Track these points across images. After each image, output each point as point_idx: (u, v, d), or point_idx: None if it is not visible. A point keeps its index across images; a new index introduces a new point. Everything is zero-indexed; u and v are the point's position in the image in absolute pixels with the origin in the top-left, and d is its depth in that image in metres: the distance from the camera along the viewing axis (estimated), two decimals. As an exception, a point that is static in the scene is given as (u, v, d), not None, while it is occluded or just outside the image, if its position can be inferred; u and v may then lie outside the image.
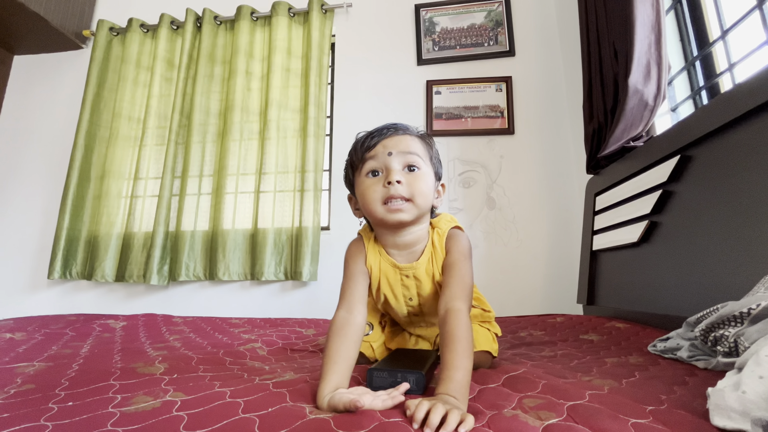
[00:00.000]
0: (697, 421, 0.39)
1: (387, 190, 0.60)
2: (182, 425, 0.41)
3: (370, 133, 0.64)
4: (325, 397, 0.46)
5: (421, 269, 0.67)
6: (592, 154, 1.43)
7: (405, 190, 0.60)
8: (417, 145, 0.63)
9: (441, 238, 0.67)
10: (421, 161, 0.62)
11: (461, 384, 0.47)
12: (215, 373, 0.65)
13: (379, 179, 0.61)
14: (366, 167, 0.62)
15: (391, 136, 0.62)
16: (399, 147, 0.61)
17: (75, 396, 0.53)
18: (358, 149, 0.64)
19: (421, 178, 0.61)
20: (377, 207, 0.61)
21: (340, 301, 0.64)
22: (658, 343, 0.76)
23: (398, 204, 0.60)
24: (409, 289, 0.69)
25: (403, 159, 0.61)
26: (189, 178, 1.93)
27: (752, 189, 0.79)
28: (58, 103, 2.24)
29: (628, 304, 1.17)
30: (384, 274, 0.68)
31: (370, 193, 0.61)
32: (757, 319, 0.53)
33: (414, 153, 0.62)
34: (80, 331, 1.17)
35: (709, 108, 0.92)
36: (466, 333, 0.53)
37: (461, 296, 0.59)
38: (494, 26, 2.00)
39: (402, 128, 0.64)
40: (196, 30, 2.12)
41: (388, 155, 0.60)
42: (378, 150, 0.61)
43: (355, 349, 0.57)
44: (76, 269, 1.91)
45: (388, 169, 0.60)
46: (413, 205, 0.61)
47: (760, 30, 0.98)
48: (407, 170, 0.61)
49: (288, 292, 1.85)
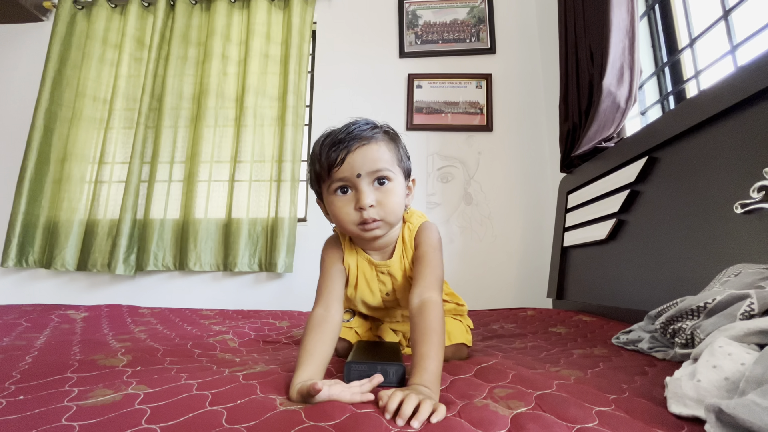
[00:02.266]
0: (656, 408, 0.41)
1: (359, 214, 0.59)
2: (144, 419, 0.39)
3: (333, 143, 0.59)
4: (296, 386, 0.46)
5: (395, 266, 0.68)
6: (566, 153, 1.47)
7: (377, 212, 0.59)
8: (384, 153, 0.60)
9: (411, 233, 0.68)
10: (390, 172, 0.60)
11: (434, 375, 0.48)
12: (182, 366, 0.63)
13: (349, 198, 0.60)
14: (334, 185, 0.60)
15: (357, 148, 0.58)
16: (366, 165, 0.58)
17: (27, 389, 0.49)
18: (323, 162, 0.59)
19: (391, 193, 0.60)
20: (351, 228, 0.61)
21: (317, 299, 0.63)
22: (621, 336, 0.80)
23: (372, 225, 0.60)
24: (385, 285, 0.70)
25: (372, 177, 0.59)
26: (159, 164, 1.85)
27: (712, 190, 0.84)
28: (14, 79, 2.08)
29: (595, 298, 1.22)
30: (361, 271, 0.69)
31: (342, 214, 0.60)
32: (712, 312, 0.57)
33: (383, 167, 0.59)
34: (36, 321, 1.11)
35: (675, 113, 0.97)
36: (440, 325, 0.54)
37: (434, 287, 0.60)
38: (476, 23, 2.01)
39: (367, 135, 0.59)
40: (169, 8, 2.02)
41: (357, 177, 0.58)
42: (345, 169, 0.58)
43: (331, 346, 0.57)
44: (33, 257, 1.80)
45: (358, 190, 0.59)
46: (385, 222, 0.61)
47: (724, 39, 1.03)
48: (377, 183, 0.60)
49: (262, 283, 1.82)
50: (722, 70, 1.05)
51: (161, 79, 1.93)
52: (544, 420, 0.38)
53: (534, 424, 0.38)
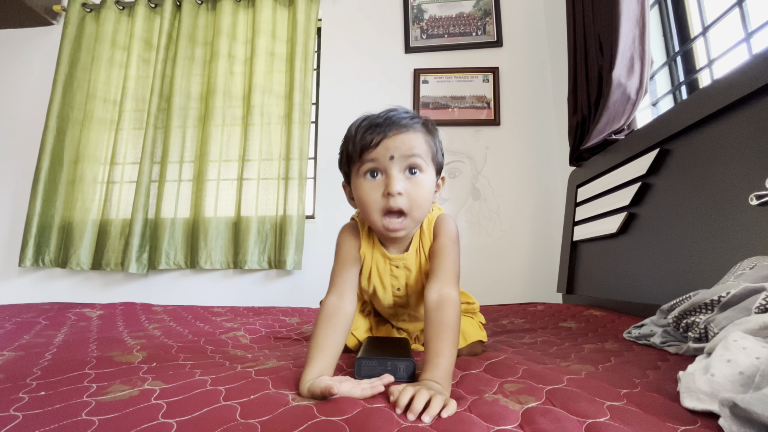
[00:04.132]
0: (669, 403, 0.41)
1: (386, 201, 0.57)
2: (161, 413, 0.40)
3: (370, 125, 0.58)
4: (306, 383, 0.46)
5: (411, 259, 0.66)
6: (575, 146, 1.45)
7: (404, 202, 0.57)
8: (420, 144, 0.58)
9: (430, 223, 0.66)
10: (423, 163, 0.59)
11: (446, 372, 0.48)
12: (196, 362, 0.64)
13: (378, 184, 0.58)
14: (365, 167, 0.58)
15: (394, 135, 0.57)
16: (401, 150, 0.56)
17: (47, 386, 0.51)
18: (357, 143, 0.58)
19: (421, 185, 0.58)
20: (376, 217, 0.58)
21: (331, 286, 0.62)
22: (633, 330, 0.79)
23: (395, 224, 0.58)
24: (398, 279, 0.68)
25: (404, 162, 0.57)
26: (169, 164, 1.87)
27: (726, 182, 0.82)
28: (27, 83, 2.12)
29: (605, 292, 1.21)
30: (375, 263, 0.67)
31: (368, 199, 0.58)
32: (726, 306, 0.56)
33: (417, 155, 0.57)
34: (54, 320, 1.13)
35: (688, 103, 0.95)
36: (456, 322, 0.54)
37: (452, 282, 0.59)
38: (482, 16, 1.98)
39: (405, 123, 0.58)
40: (176, 9, 2.04)
41: (390, 159, 0.56)
42: (379, 152, 0.57)
43: (343, 339, 0.56)
44: (49, 257, 1.84)
45: (388, 175, 0.57)
46: (410, 219, 0.59)
47: (739, 27, 1.01)
48: (408, 172, 0.58)
49: (272, 280, 1.83)
50: (736, 58, 1.02)
51: (169, 79, 1.95)
52: (554, 414, 0.38)
53: (545, 419, 0.38)
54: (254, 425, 0.38)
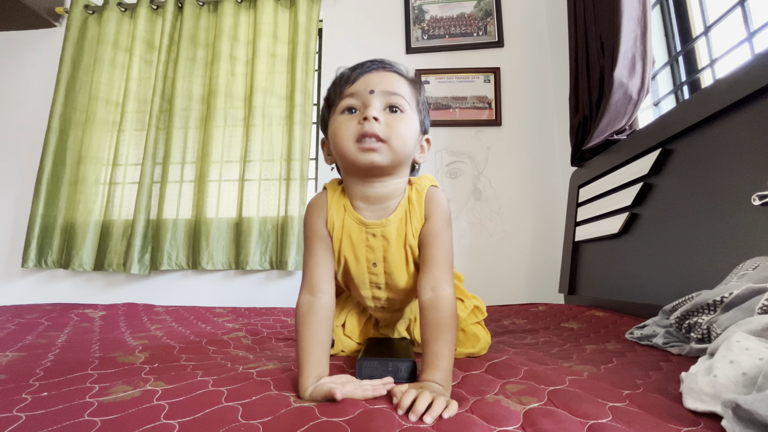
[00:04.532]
0: (671, 404, 0.41)
1: (361, 127, 0.52)
2: (163, 414, 0.41)
3: (354, 66, 0.57)
4: (308, 389, 0.45)
5: (391, 227, 0.57)
6: (577, 146, 1.45)
7: (381, 129, 0.52)
8: (404, 87, 0.56)
9: (420, 196, 0.59)
10: (405, 104, 0.55)
11: (446, 372, 0.48)
12: (198, 363, 0.64)
13: (355, 116, 0.54)
14: (343, 104, 0.55)
15: (376, 71, 0.55)
16: (382, 85, 0.54)
17: (50, 386, 0.51)
18: (337, 84, 0.56)
19: (402, 120, 0.54)
20: (348, 144, 0.53)
21: (302, 282, 0.57)
22: (635, 331, 0.79)
23: (372, 143, 0.52)
24: (374, 251, 0.58)
25: (385, 99, 0.54)
26: (171, 165, 1.87)
27: (728, 182, 0.82)
28: (29, 85, 2.13)
29: (608, 293, 1.21)
30: (347, 232, 0.58)
31: (342, 129, 0.54)
32: (729, 307, 0.55)
33: (399, 94, 0.54)
34: (56, 320, 1.14)
35: (690, 103, 0.94)
36: (453, 320, 0.52)
37: (447, 276, 0.55)
38: (484, 16, 1.98)
39: (389, 63, 0.57)
40: (178, 10, 2.04)
41: (369, 93, 0.53)
42: (358, 86, 0.54)
43: (326, 333, 0.54)
44: (51, 257, 1.85)
45: (366, 105, 0.53)
46: (389, 147, 0.53)
47: (741, 27, 1.00)
48: (389, 111, 0.54)
49: (273, 281, 1.84)
50: (738, 58, 1.02)
51: (171, 80, 1.95)
52: (556, 415, 0.38)
53: (546, 420, 0.38)
54: (256, 426, 0.38)
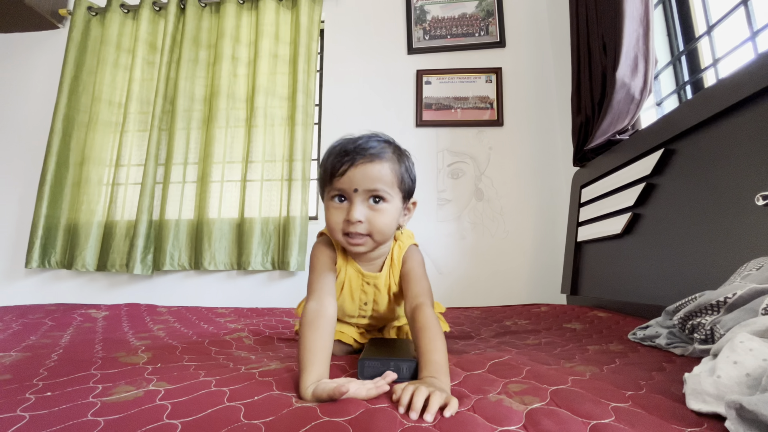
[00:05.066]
0: (674, 405, 0.41)
1: (347, 225, 0.61)
2: (166, 414, 0.41)
3: (341, 151, 0.62)
4: (309, 388, 0.46)
5: (381, 279, 0.71)
6: (579, 146, 1.45)
7: (364, 227, 0.61)
8: (386, 173, 0.61)
9: (400, 252, 0.71)
10: (387, 192, 0.62)
11: (439, 365, 0.49)
12: (200, 363, 0.64)
13: (343, 208, 0.62)
14: (333, 191, 0.63)
15: (360, 164, 0.60)
16: (365, 182, 0.60)
17: (54, 386, 0.51)
18: (328, 168, 0.62)
19: (383, 213, 0.62)
20: (338, 236, 0.63)
21: (309, 294, 0.64)
22: (638, 331, 0.79)
23: (357, 239, 0.62)
24: (366, 295, 0.72)
25: (368, 193, 0.61)
26: (173, 166, 1.88)
27: (731, 182, 0.81)
28: (33, 86, 2.14)
29: (610, 294, 1.20)
30: (348, 277, 0.71)
31: (333, 221, 0.63)
32: (733, 307, 0.55)
33: (380, 187, 0.61)
34: (60, 320, 1.14)
35: (693, 103, 0.94)
36: (434, 322, 0.58)
37: (424, 294, 0.65)
38: (485, 16, 1.98)
39: (373, 152, 0.61)
40: (180, 12, 2.05)
41: (354, 191, 0.61)
42: (344, 183, 0.61)
43: (330, 340, 0.57)
44: (55, 258, 1.86)
45: (351, 204, 0.61)
46: (372, 239, 0.63)
47: (744, 26, 1.00)
48: (372, 201, 0.62)
49: (275, 281, 1.84)
50: (742, 57, 1.01)
51: (173, 81, 1.96)
52: (558, 415, 0.38)
53: (549, 420, 0.37)
54: (258, 426, 0.38)
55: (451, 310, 1.41)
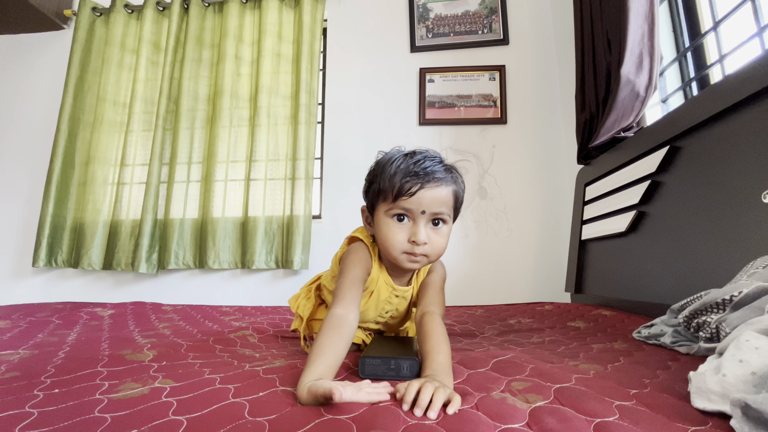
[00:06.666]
0: (679, 403, 0.41)
1: (410, 247, 0.62)
2: (171, 411, 0.41)
3: (408, 173, 0.61)
4: (306, 384, 0.44)
5: (410, 293, 0.73)
6: (583, 144, 1.44)
7: (427, 249, 0.63)
8: (449, 199, 0.64)
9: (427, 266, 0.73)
10: (448, 216, 0.65)
11: (443, 365, 0.50)
12: (205, 360, 0.65)
13: (405, 228, 0.63)
14: (396, 210, 0.63)
15: (430, 187, 0.61)
16: (432, 207, 0.62)
17: (61, 383, 0.52)
18: (395, 186, 0.61)
19: (442, 235, 0.64)
20: (397, 254, 0.63)
21: (337, 299, 0.61)
22: (643, 330, 0.78)
23: (417, 258, 0.64)
24: (391, 305, 0.73)
25: (432, 216, 0.63)
26: (177, 165, 1.89)
27: (738, 180, 0.81)
28: (39, 86, 2.16)
29: (615, 292, 1.19)
30: (378, 289, 0.71)
31: (394, 239, 0.63)
32: (739, 305, 0.55)
33: (444, 211, 0.63)
34: (67, 319, 1.16)
35: (698, 99, 0.93)
36: (440, 328, 0.59)
37: (437, 304, 0.67)
38: (488, 14, 1.97)
39: (440, 177, 0.63)
40: (183, 12, 2.06)
41: (421, 213, 0.62)
42: (412, 204, 0.61)
43: (346, 348, 0.55)
44: (61, 257, 1.88)
45: (416, 224, 0.62)
46: (428, 259, 0.65)
47: (751, 22, 0.99)
48: (432, 223, 0.63)
49: (279, 280, 1.85)
50: (748, 53, 1.00)
51: (177, 81, 1.97)
52: (562, 414, 0.38)
53: (552, 418, 0.37)
54: (262, 423, 0.38)
55: (454, 309, 1.41)
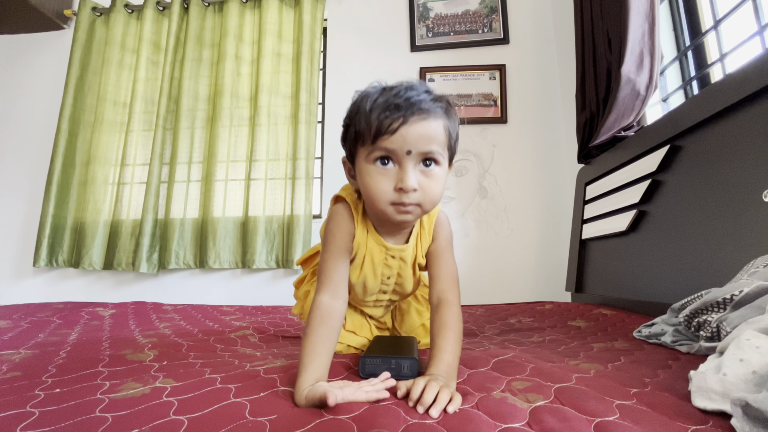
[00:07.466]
0: (680, 402, 0.41)
1: (398, 196, 0.52)
2: (172, 411, 0.41)
3: (388, 106, 0.51)
4: (303, 392, 0.43)
5: (409, 252, 0.64)
6: (584, 143, 1.44)
7: (418, 197, 0.53)
8: (440, 134, 0.53)
9: (430, 220, 0.65)
10: (440, 154, 0.54)
11: (450, 366, 0.49)
12: (206, 360, 0.65)
13: (390, 173, 0.53)
14: (376, 153, 0.53)
15: (415, 121, 0.51)
16: (420, 144, 0.51)
17: (62, 383, 0.52)
18: (372, 124, 0.52)
19: (436, 179, 0.54)
20: (384, 206, 0.54)
21: (322, 284, 0.57)
22: (644, 329, 0.78)
23: (408, 208, 0.54)
24: (390, 269, 0.66)
25: (421, 156, 0.53)
26: (178, 165, 1.89)
27: (738, 179, 0.81)
28: (39, 86, 2.16)
29: (615, 291, 1.19)
30: (370, 252, 0.63)
31: (378, 189, 0.53)
32: (739, 305, 0.55)
33: (435, 149, 0.53)
34: (68, 318, 1.16)
35: (699, 98, 0.93)
36: (456, 322, 0.56)
37: (452, 287, 0.62)
38: (489, 13, 1.97)
39: (427, 107, 0.52)
40: (183, 11, 2.06)
41: (407, 153, 0.51)
42: (395, 143, 0.51)
43: (336, 339, 0.54)
44: (62, 257, 1.88)
45: (402, 168, 0.52)
46: (422, 209, 0.55)
47: (752, 20, 0.98)
48: (423, 164, 0.53)
49: (279, 279, 1.85)
50: (749, 52, 1.00)
51: (177, 81, 1.97)
52: (563, 413, 0.38)
53: (553, 417, 0.37)
54: (263, 423, 0.38)
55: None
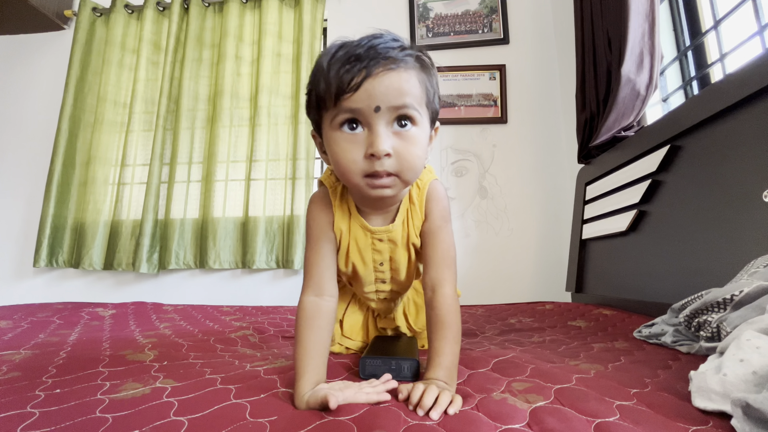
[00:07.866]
0: (680, 403, 0.41)
1: (370, 164, 0.45)
2: (172, 411, 0.41)
3: (348, 58, 0.44)
4: (304, 396, 0.43)
5: (397, 232, 0.57)
6: (584, 143, 1.44)
7: (393, 164, 0.45)
8: (414, 86, 0.46)
9: (421, 193, 0.56)
10: (417, 111, 0.46)
11: (449, 369, 0.48)
12: (206, 360, 0.65)
13: (359, 139, 0.45)
14: (341, 117, 0.45)
15: (381, 73, 0.43)
16: (389, 98, 0.44)
17: (63, 383, 0.52)
18: (331, 82, 0.44)
19: (414, 142, 0.46)
20: (355, 179, 0.46)
21: (306, 281, 0.54)
22: (644, 329, 0.78)
23: (383, 181, 0.46)
24: (381, 254, 0.59)
25: (393, 114, 0.45)
26: (178, 165, 1.89)
27: (739, 179, 0.81)
28: (39, 87, 2.16)
29: (616, 291, 1.19)
30: (354, 237, 0.57)
31: (346, 159, 0.45)
32: (740, 305, 0.55)
33: (409, 102, 0.45)
34: (68, 319, 1.16)
35: (699, 98, 0.93)
36: (453, 318, 0.52)
37: (447, 274, 0.55)
38: (489, 13, 1.97)
39: (394, 56, 0.44)
40: (183, 12, 2.06)
41: (375, 111, 0.44)
42: (360, 100, 0.43)
43: (329, 338, 0.52)
44: (62, 257, 1.88)
45: (372, 130, 0.45)
46: (401, 180, 0.47)
47: (752, 20, 0.98)
48: (397, 125, 0.46)
49: (280, 280, 1.85)
50: (749, 52, 1.00)
51: (177, 81, 1.97)
52: (563, 414, 0.38)
53: (553, 418, 0.37)
54: (263, 424, 0.38)
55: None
